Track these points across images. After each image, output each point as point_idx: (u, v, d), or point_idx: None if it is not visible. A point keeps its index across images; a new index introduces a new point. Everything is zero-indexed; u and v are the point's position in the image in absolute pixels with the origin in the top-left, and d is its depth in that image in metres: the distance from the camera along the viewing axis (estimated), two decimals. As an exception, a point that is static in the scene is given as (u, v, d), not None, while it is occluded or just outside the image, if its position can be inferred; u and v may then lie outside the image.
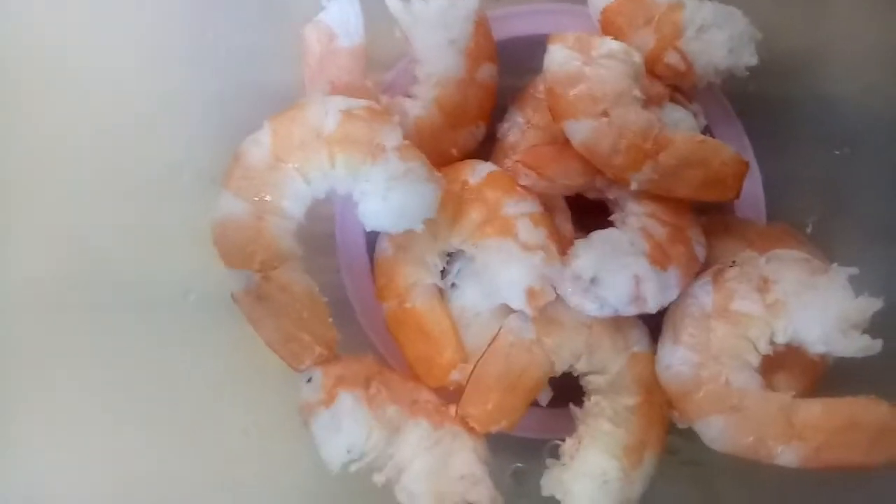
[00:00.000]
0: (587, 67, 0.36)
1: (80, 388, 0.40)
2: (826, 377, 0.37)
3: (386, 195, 0.35)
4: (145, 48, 0.41)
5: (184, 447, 0.41)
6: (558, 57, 0.37)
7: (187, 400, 0.40)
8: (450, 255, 0.40)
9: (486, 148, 0.42)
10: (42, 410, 0.41)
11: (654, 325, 0.38)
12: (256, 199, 0.35)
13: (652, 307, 0.36)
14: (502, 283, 0.37)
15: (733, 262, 0.37)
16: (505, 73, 0.41)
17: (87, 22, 0.41)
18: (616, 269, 0.36)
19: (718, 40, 0.38)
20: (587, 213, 0.41)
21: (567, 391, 0.39)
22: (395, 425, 0.36)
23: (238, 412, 0.41)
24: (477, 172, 0.39)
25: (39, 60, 0.41)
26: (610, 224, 0.40)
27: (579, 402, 0.39)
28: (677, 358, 0.36)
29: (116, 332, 0.40)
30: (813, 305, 0.35)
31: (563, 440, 0.39)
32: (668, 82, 0.40)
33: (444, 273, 0.40)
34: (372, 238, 0.41)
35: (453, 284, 0.40)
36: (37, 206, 0.41)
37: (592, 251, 0.36)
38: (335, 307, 0.37)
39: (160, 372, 0.40)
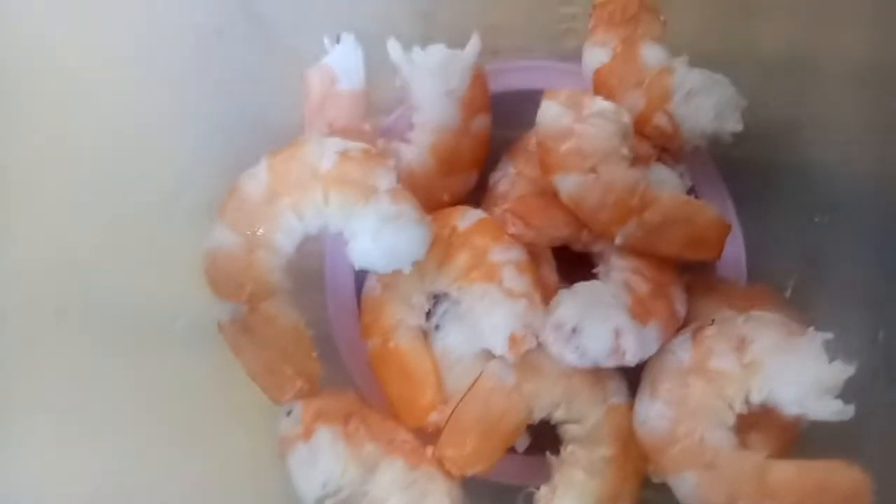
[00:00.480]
0: (578, 124, 0.37)
1: (58, 406, 0.40)
2: (800, 439, 0.37)
3: (377, 235, 0.35)
4: (151, 74, 0.41)
5: (160, 473, 0.40)
6: (551, 112, 0.38)
7: (167, 425, 0.40)
8: (436, 297, 0.40)
9: (477, 196, 0.43)
10: (12, 431, 0.40)
11: (633, 378, 0.38)
12: (249, 232, 0.35)
13: (631, 360, 0.36)
14: (485, 327, 0.37)
15: (713, 320, 0.37)
16: (498, 125, 0.42)
17: (94, 43, 0.42)
18: (597, 321, 0.36)
19: (706, 105, 0.39)
20: (572, 266, 0.41)
21: (546, 439, 0.38)
22: (371, 463, 0.35)
23: (217, 442, 0.40)
24: (466, 218, 0.39)
25: (42, 75, 0.41)
26: (594, 277, 0.40)
27: (556, 451, 0.38)
28: (654, 412, 0.36)
29: (103, 352, 0.40)
30: (788, 367, 0.35)
31: (538, 488, 0.38)
32: (656, 143, 0.40)
33: (429, 314, 0.40)
34: (360, 277, 0.41)
35: (437, 326, 0.40)
36: (29, 218, 0.40)
37: (575, 301, 0.37)
38: (320, 344, 0.37)
39: (141, 396, 0.40)
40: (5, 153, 0.40)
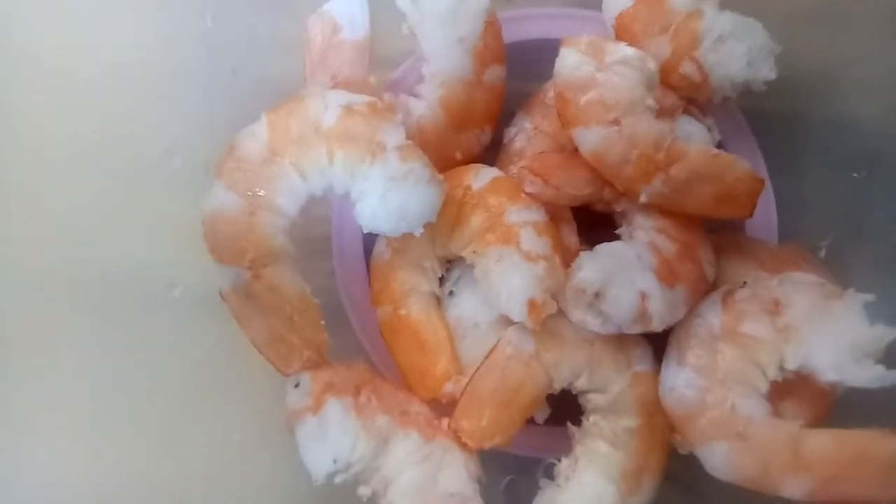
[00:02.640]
0: (599, 73, 0.36)
1: (57, 383, 0.39)
2: (835, 407, 0.36)
3: (385, 196, 0.34)
4: (143, 27, 0.40)
5: (163, 447, 0.40)
6: (570, 61, 0.36)
7: (168, 398, 0.39)
8: (449, 261, 0.39)
9: (492, 154, 0.41)
10: (13, 407, 0.39)
11: (659, 345, 0.37)
12: (249, 193, 0.34)
13: (657, 326, 0.35)
14: (502, 293, 0.36)
15: (744, 282, 0.37)
16: (514, 78, 0.41)
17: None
18: (621, 284, 0.35)
19: (737, 52, 0.37)
20: (594, 228, 0.40)
21: (567, 409, 0.38)
22: (383, 436, 0.35)
23: (222, 415, 0.40)
24: (481, 177, 0.38)
25: (28, 33, 0.40)
26: (617, 238, 0.39)
27: (577, 421, 0.38)
28: (681, 380, 0.35)
29: (96, 324, 0.39)
30: (826, 332, 0.34)
31: (559, 460, 0.38)
32: (683, 94, 0.39)
33: (442, 280, 0.39)
34: (369, 241, 0.40)
35: (451, 292, 0.39)
36: (15, 185, 0.39)
37: (597, 264, 0.36)
38: (328, 312, 0.37)
39: (141, 368, 0.39)
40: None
